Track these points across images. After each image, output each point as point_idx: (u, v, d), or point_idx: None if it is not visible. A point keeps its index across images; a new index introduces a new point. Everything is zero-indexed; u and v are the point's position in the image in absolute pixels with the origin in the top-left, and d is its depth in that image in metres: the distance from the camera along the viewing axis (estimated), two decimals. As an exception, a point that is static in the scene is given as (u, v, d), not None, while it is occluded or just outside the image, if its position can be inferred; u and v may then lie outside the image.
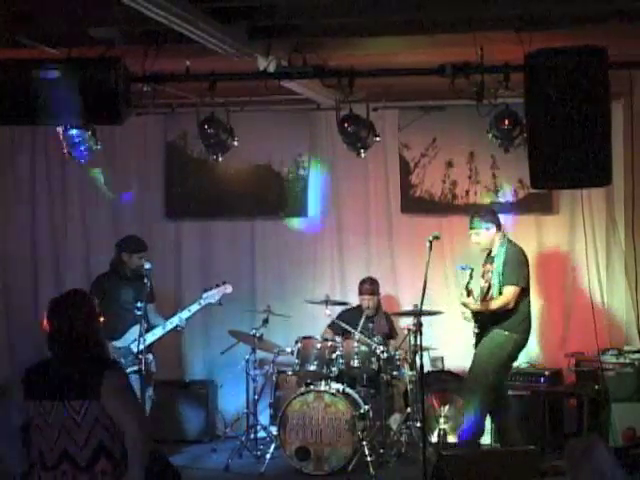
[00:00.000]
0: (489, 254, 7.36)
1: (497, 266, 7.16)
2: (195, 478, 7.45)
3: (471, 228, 7.37)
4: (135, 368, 7.01)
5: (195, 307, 7.64)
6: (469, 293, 7.19)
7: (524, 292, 7.23)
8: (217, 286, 7.73)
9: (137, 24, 5.90)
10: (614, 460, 3.66)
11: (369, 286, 8.35)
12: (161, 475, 4.85)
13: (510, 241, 7.34)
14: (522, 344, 7.28)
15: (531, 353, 8.24)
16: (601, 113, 5.15)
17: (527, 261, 7.33)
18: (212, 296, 7.68)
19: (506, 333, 7.15)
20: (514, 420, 7.46)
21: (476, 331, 7.27)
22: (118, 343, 7.29)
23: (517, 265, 7.21)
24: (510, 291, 7.15)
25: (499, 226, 7.35)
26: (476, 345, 7.27)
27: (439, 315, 7.86)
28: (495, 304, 7.15)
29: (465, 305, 7.23)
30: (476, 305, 7.20)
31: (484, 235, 7.30)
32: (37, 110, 5.62)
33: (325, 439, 7.47)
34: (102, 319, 4.05)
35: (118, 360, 6.00)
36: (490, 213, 7.43)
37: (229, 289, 7.75)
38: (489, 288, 7.22)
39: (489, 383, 7.15)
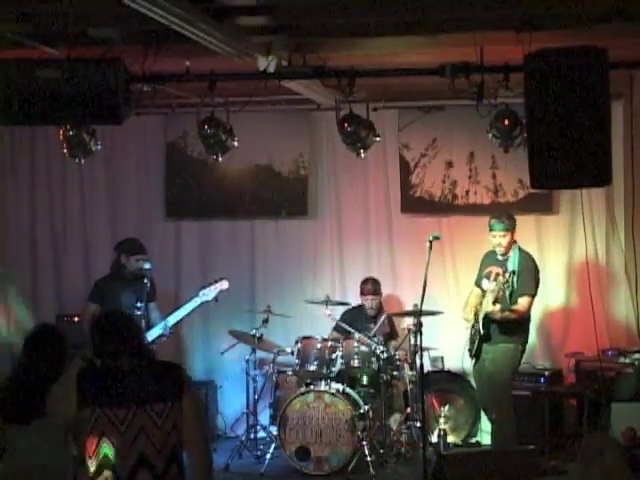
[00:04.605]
0: (495, 255, 7.33)
1: (511, 274, 7.10)
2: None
3: (494, 229, 7.25)
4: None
5: (191, 305, 7.66)
6: (496, 301, 7.05)
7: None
8: (215, 282, 7.75)
9: (137, 24, 5.89)
10: (624, 464, 3.68)
11: (371, 286, 8.35)
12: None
13: (521, 249, 7.31)
14: (525, 349, 7.34)
15: (531, 353, 8.23)
16: (601, 113, 5.15)
17: (538, 269, 7.33)
18: (207, 294, 7.69)
19: (513, 345, 7.18)
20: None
21: (469, 346, 7.30)
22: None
23: (531, 274, 7.21)
24: (527, 301, 7.15)
25: (514, 232, 7.34)
26: (476, 352, 7.25)
27: (439, 315, 7.86)
28: (513, 315, 7.10)
29: (490, 314, 7.07)
30: (499, 314, 7.07)
31: (508, 239, 7.23)
32: (37, 110, 5.63)
33: (325, 439, 7.47)
34: None
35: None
36: (512, 217, 7.35)
37: (225, 285, 7.75)
38: (498, 292, 7.14)
39: (509, 392, 7.28)
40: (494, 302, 7.04)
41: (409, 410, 7.89)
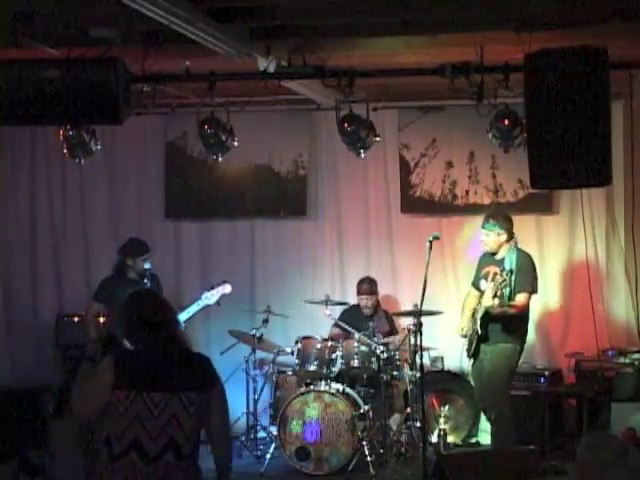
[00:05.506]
0: (492, 255, 7.32)
1: (509, 272, 7.08)
2: (195, 478, 7.44)
3: (483, 227, 7.25)
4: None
5: (194, 309, 7.66)
6: (495, 295, 6.99)
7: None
8: (217, 285, 7.76)
9: (137, 24, 5.90)
10: None
11: (367, 286, 8.35)
12: None
13: (519, 248, 7.28)
14: (523, 349, 7.32)
15: (531, 353, 8.23)
16: (601, 113, 5.15)
17: (535, 267, 7.32)
18: (210, 297, 7.69)
19: (511, 345, 7.14)
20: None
21: (467, 346, 7.29)
22: (128, 345, 7.31)
23: (529, 271, 7.17)
24: (525, 297, 7.12)
25: (511, 236, 7.21)
26: (474, 352, 7.24)
27: (439, 315, 7.86)
28: (512, 311, 7.06)
29: (488, 309, 7.01)
30: (497, 309, 7.03)
31: (493, 238, 7.19)
32: (37, 110, 5.62)
33: (325, 439, 7.47)
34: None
35: None
36: (507, 220, 7.26)
37: (228, 289, 7.77)
38: (496, 290, 7.13)
39: (507, 392, 7.26)
40: (492, 298, 7.03)
41: (409, 410, 7.89)
